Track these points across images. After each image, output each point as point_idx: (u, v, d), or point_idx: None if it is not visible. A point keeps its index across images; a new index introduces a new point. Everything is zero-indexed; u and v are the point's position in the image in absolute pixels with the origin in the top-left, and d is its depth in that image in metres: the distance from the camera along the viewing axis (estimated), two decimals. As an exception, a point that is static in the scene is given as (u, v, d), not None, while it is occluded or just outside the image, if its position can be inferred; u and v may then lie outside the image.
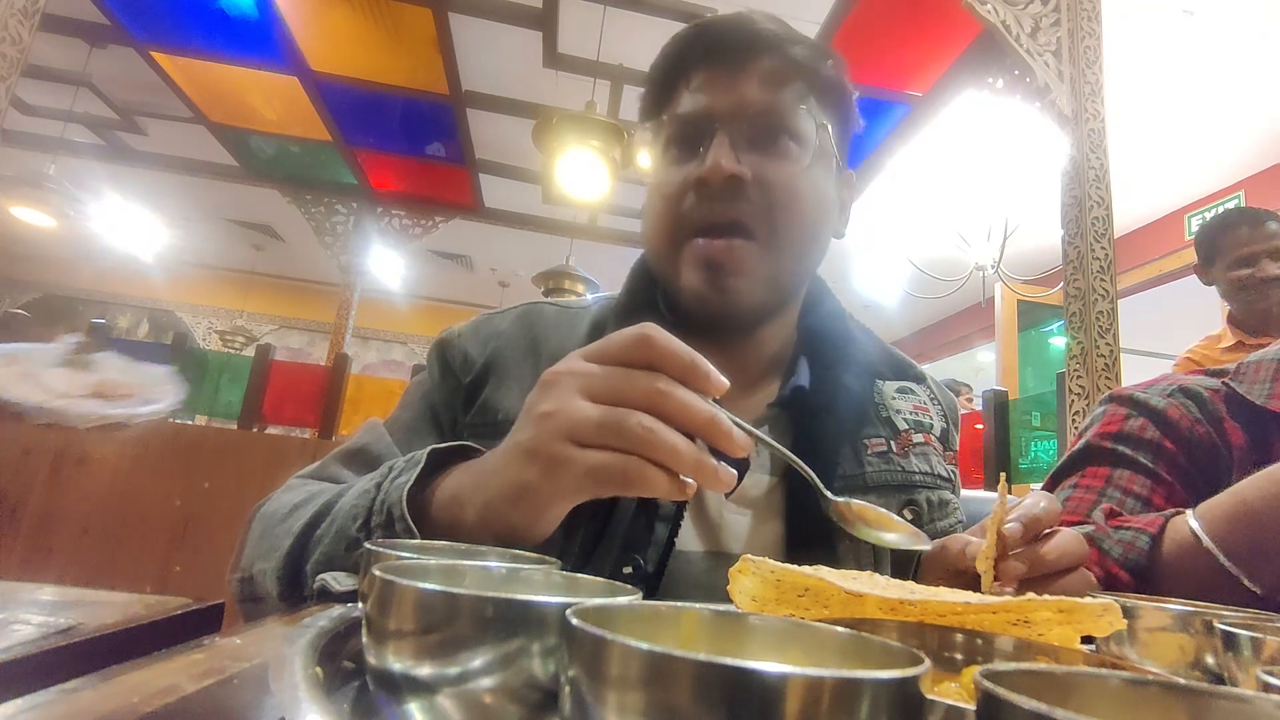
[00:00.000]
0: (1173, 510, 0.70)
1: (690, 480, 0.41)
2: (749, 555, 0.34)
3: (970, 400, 4.06)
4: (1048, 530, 0.49)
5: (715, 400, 0.42)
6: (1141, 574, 0.67)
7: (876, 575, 0.37)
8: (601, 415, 0.40)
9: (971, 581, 0.49)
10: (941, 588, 0.34)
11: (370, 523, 0.47)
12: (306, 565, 0.50)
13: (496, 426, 0.63)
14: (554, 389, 0.43)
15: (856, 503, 0.48)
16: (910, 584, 0.34)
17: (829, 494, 0.48)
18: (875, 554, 0.66)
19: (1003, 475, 0.49)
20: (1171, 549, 0.67)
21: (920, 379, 0.78)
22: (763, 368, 0.72)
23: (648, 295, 0.71)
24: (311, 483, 0.62)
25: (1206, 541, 0.63)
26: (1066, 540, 0.49)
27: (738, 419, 0.42)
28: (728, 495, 0.58)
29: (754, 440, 0.44)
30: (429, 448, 0.51)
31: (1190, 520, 0.66)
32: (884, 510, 0.48)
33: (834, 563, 0.66)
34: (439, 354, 0.71)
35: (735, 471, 0.42)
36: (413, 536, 0.45)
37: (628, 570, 0.59)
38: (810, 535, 0.63)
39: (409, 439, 0.65)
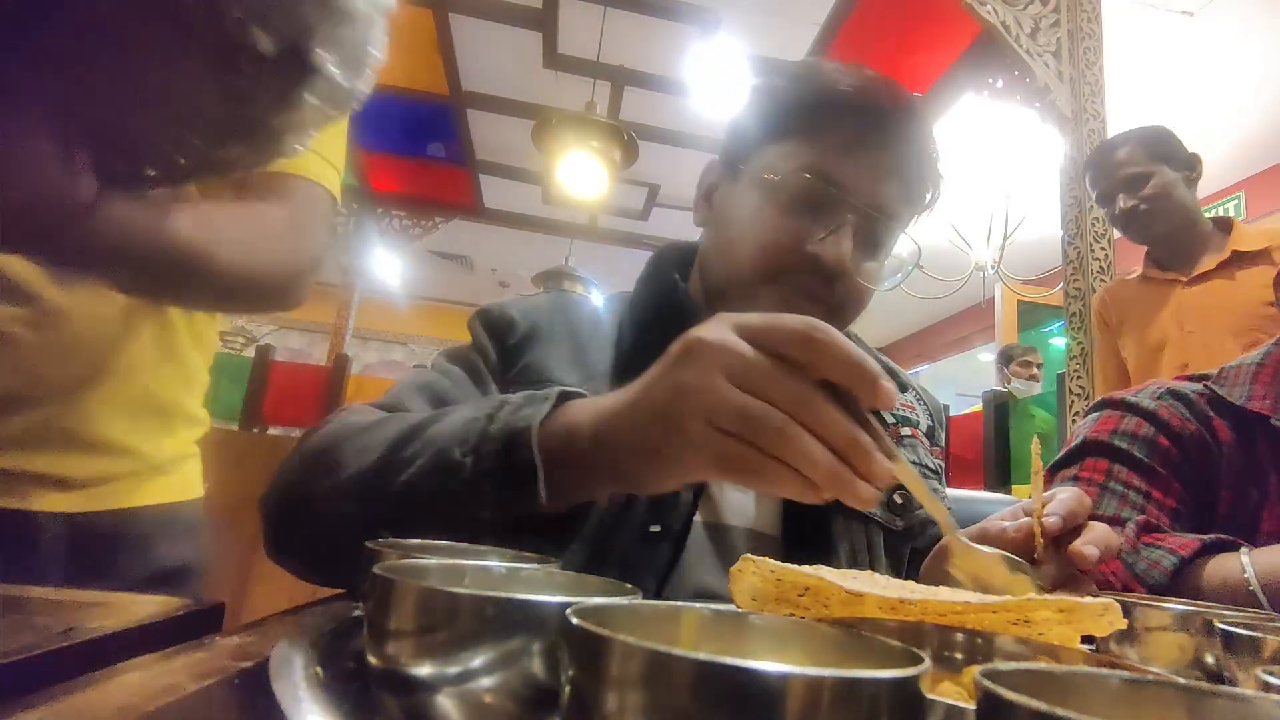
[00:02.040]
0: (1213, 537, 0.72)
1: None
2: (749, 555, 0.35)
3: (1040, 367, 4.00)
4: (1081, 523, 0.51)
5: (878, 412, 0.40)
6: (1161, 592, 0.69)
7: (876, 575, 0.37)
8: (743, 405, 0.39)
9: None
10: (941, 587, 0.34)
11: (481, 449, 0.46)
12: (394, 482, 0.48)
13: (541, 385, 0.63)
14: (699, 360, 0.40)
15: (967, 547, 0.47)
16: (910, 584, 0.34)
17: (961, 537, 0.47)
18: (869, 538, 0.68)
19: (1036, 439, 0.50)
20: (1211, 577, 0.69)
21: (905, 387, 0.83)
22: None
23: (674, 301, 0.73)
24: (375, 410, 0.61)
25: (1254, 584, 0.65)
26: (1104, 535, 0.50)
27: (891, 446, 0.40)
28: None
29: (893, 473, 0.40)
30: (557, 388, 0.50)
31: (1243, 556, 0.67)
32: (994, 553, 0.46)
33: (829, 541, 0.67)
34: (482, 320, 0.73)
35: (875, 491, 0.39)
36: (533, 467, 0.44)
37: (655, 529, 0.60)
38: (807, 510, 0.64)
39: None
